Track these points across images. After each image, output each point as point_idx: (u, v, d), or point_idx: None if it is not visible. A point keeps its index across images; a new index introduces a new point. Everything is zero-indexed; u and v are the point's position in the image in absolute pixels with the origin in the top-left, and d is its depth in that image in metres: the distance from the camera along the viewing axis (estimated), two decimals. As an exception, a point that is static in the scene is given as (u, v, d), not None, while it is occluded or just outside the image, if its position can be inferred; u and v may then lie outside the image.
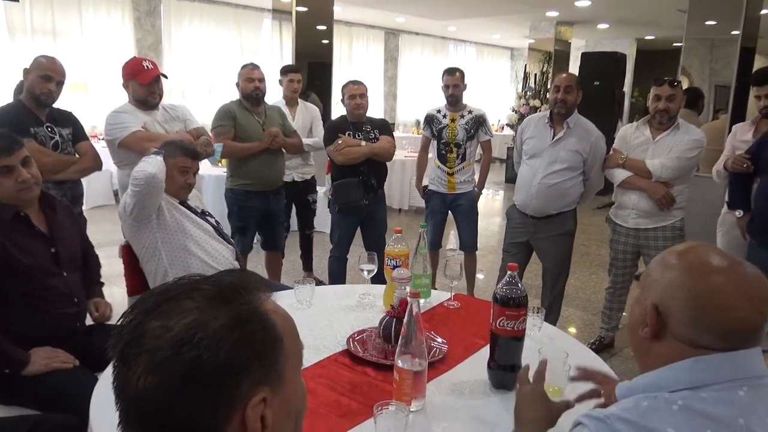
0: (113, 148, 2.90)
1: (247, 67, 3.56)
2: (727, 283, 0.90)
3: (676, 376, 0.90)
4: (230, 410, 0.64)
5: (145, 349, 0.63)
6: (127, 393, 0.64)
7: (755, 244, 2.83)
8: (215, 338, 0.64)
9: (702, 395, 0.87)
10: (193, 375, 0.62)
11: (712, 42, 5.25)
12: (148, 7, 8.28)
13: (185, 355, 0.62)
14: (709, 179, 3.51)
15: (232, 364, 0.64)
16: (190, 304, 0.66)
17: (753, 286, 0.90)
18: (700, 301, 0.91)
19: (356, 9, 9.28)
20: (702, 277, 0.92)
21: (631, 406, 0.90)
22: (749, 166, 2.82)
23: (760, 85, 3.07)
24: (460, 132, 3.79)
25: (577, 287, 4.67)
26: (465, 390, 1.53)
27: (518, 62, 13.64)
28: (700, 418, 0.85)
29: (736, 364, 0.89)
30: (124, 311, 0.69)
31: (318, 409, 1.40)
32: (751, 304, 0.89)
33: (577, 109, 3.16)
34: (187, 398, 0.62)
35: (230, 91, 3.81)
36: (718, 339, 0.90)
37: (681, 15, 5.39)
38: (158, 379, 0.62)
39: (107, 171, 6.73)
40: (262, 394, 0.66)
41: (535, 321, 1.85)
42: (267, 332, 0.68)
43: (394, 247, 2.05)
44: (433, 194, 3.94)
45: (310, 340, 1.78)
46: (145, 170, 2.18)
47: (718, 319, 0.90)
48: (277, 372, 0.68)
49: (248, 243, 3.68)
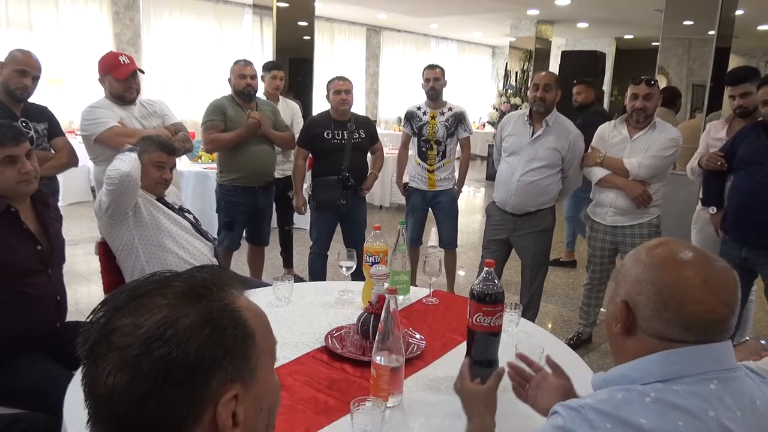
0: (89, 143, 2.86)
1: (239, 63, 3.54)
2: (692, 277, 0.92)
3: (648, 369, 0.92)
4: (201, 407, 0.64)
5: (114, 347, 0.63)
6: (96, 391, 0.64)
7: (728, 240, 2.89)
8: (185, 335, 0.63)
9: (674, 388, 0.89)
10: (163, 372, 0.62)
11: (689, 42, 5.32)
12: (126, 1, 8.16)
13: (155, 353, 0.62)
14: (685, 177, 3.57)
15: (203, 361, 0.63)
16: (161, 301, 0.66)
17: (718, 278, 0.92)
18: (665, 294, 0.92)
19: (338, 5, 9.25)
20: (666, 271, 0.94)
21: (606, 397, 0.91)
22: (723, 164, 2.87)
23: (734, 85, 3.12)
24: (440, 129, 3.80)
25: (555, 283, 4.72)
26: (442, 386, 1.54)
27: (499, 60, 13.72)
28: (672, 411, 0.87)
29: (707, 357, 0.91)
30: (94, 308, 0.69)
31: (295, 405, 1.41)
32: (716, 297, 0.91)
33: (556, 107, 3.19)
34: (157, 396, 0.62)
35: (210, 87, 3.79)
36: (685, 332, 0.92)
37: (658, 15, 5.46)
38: (128, 376, 0.62)
39: (84, 167, 6.64)
40: (234, 390, 0.66)
41: (512, 317, 1.87)
42: (238, 329, 0.68)
43: (373, 244, 2.05)
44: (414, 191, 3.95)
45: (288, 337, 1.78)
46: (119, 169, 2.15)
47: (684, 311, 0.91)
48: (249, 369, 0.68)
49: (236, 239, 3.67)
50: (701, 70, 5.17)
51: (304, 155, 3.60)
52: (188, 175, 5.27)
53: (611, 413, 0.88)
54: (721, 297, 0.91)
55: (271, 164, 3.71)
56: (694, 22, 5.13)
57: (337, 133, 3.51)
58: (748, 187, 2.72)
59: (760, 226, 2.69)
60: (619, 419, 0.87)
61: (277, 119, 3.73)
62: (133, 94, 2.93)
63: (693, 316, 0.91)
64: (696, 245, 2.91)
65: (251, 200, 3.59)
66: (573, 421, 0.89)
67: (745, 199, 2.74)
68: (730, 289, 0.92)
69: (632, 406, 0.88)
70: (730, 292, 0.92)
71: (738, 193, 2.80)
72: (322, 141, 3.50)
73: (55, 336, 1.95)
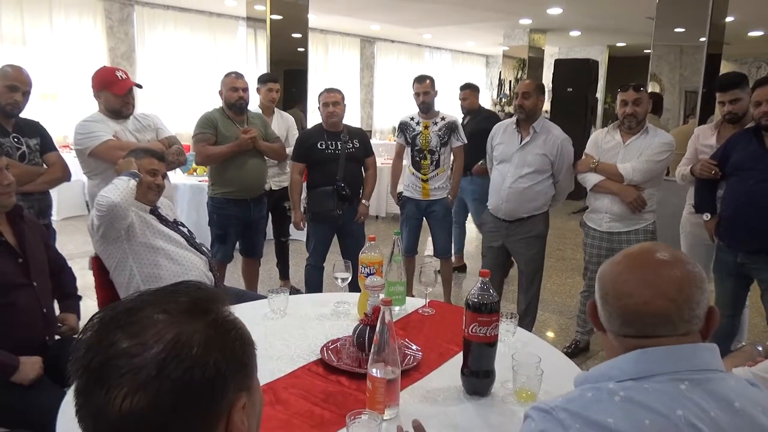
0: (83, 157, 2.85)
1: (230, 76, 3.55)
2: (626, 272, 0.98)
3: (623, 367, 0.94)
4: (220, 418, 0.66)
5: (125, 371, 0.61)
6: (107, 417, 0.62)
7: (723, 246, 2.89)
8: (202, 351, 0.64)
9: (645, 386, 0.91)
10: (185, 390, 0.62)
11: (681, 48, 5.36)
12: (120, 15, 8.18)
13: (174, 373, 0.62)
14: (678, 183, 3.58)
15: (221, 375, 0.65)
16: (165, 318, 0.65)
17: (657, 274, 0.95)
18: (606, 289, 1.00)
19: (331, 17, 9.29)
20: (608, 269, 1.01)
21: (577, 396, 0.94)
22: (717, 172, 2.87)
23: (724, 91, 3.13)
24: (434, 139, 3.82)
25: (552, 291, 4.72)
26: (438, 397, 1.53)
27: (493, 69, 13.78)
28: (638, 409, 0.88)
29: (680, 357, 0.93)
30: (83, 327, 0.67)
31: (291, 419, 1.39)
32: (653, 290, 0.94)
33: (549, 113, 3.21)
34: (181, 414, 0.62)
35: (205, 100, 3.80)
36: (626, 325, 0.96)
37: (650, 22, 5.50)
38: (147, 398, 0.61)
39: (79, 181, 6.62)
40: (243, 399, 0.68)
41: (508, 326, 1.87)
42: (244, 340, 0.71)
43: (368, 255, 2.05)
44: (408, 201, 3.96)
45: (284, 350, 1.77)
46: (109, 198, 2.15)
47: (620, 304, 0.97)
48: (250, 377, 0.72)
49: (229, 251, 3.66)
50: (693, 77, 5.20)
51: (300, 170, 3.60)
52: (183, 188, 5.27)
53: (580, 413, 0.89)
54: (659, 291, 0.94)
55: (263, 177, 3.71)
56: (685, 29, 5.16)
57: (331, 144, 3.51)
58: (741, 193, 2.73)
59: (754, 232, 2.69)
60: (587, 419, 0.88)
61: (267, 131, 3.73)
62: (130, 109, 2.95)
63: (629, 309, 0.96)
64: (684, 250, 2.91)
65: (243, 213, 3.58)
66: (544, 422, 0.92)
67: (739, 204, 2.75)
68: (676, 285, 0.94)
69: (601, 405, 0.90)
70: (675, 287, 0.94)
71: (731, 198, 2.81)
72: (315, 152, 3.51)
73: (45, 350, 1.93)
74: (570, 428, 0.88)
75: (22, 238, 1.95)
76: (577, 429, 0.88)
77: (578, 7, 7.97)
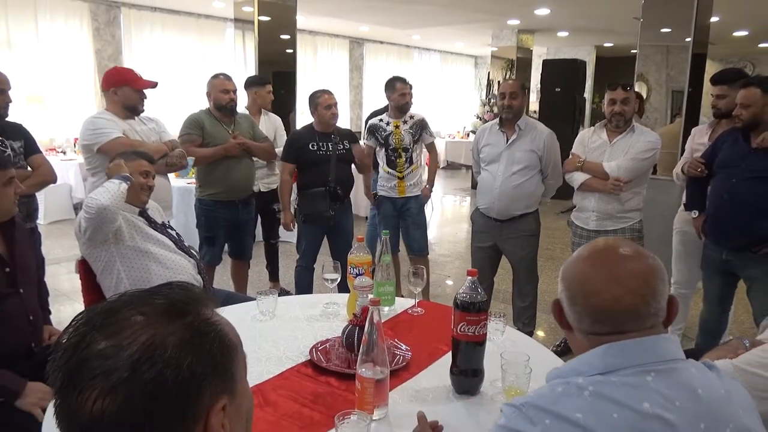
0: (90, 153, 2.89)
1: (219, 78, 3.54)
2: (593, 271, 0.98)
3: (591, 362, 0.96)
4: (194, 422, 0.65)
5: (98, 372, 0.61)
6: (79, 419, 0.61)
7: (709, 243, 2.92)
8: (175, 354, 0.63)
9: (612, 380, 0.92)
10: (157, 393, 0.61)
11: (667, 49, 5.40)
12: (107, 17, 8.12)
13: (146, 375, 0.61)
14: (665, 182, 3.61)
15: (195, 378, 0.64)
16: (141, 320, 0.65)
17: (623, 270, 0.96)
18: (573, 290, 1.00)
19: (320, 18, 9.29)
20: (573, 269, 1.01)
21: (547, 392, 0.95)
22: (703, 170, 2.90)
23: (713, 85, 3.19)
24: (406, 137, 3.89)
25: (542, 290, 4.71)
26: (428, 396, 1.53)
27: (482, 69, 13.83)
28: (606, 403, 0.89)
29: (646, 349, 0.94)
30: (64, 328, 0.67)
31: (280, 421, 1.39)
32: (621, 287, 0.95)
33: (538, 113, 3.24)
34: (153, 417, 0.61)
35: (192, 102, 3.79)
36: (596, 323, 0.97)
37: (636, 23, 5.53)
38: (119, 400, 0.60)
39: (66, 184, 6.61)
40: (223, 401, 0.67)
41: (497, 325, 1.87)
42: (223, 342, 0.69)
43: (356, 255, 2.04)
44: (384, 200, 3.99)
45: (273, 352, 1.76)
46: (98, 201, 2.14)
47: (589, 303, 0.97)
48: (232, 380, 0.70)
49: (217, 254, 3.64)
50: (679, 77, 5.24)
51: (290, 170, 3.59)
52: (173, 190, 5.23)
53: (549, 409, 0.91)
54: (627, 287, 0.95)
55: (251, 178, 3.70)
56: (671, 29, 5.20)
57: (322, 145, 3.51)
58: (725, 190, 2.76)
59: (737, 229, 2.71)
60: (556, 414, 0.90)
61: (255, 131, 3.72)
62: (143, 106, 3.06)
63: (598, 306, 0.97)
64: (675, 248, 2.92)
65: (231, 215, 3.57)
66: (515, 419, 0.93)
67: (723, 202, 2.77)
68: (642, 279, 0.96)
69: (570, 400, 0.91)
70: (641, 282, 0.96)
71: (716, 196, 2.84)
72: (307, 153, 3.50)
73: (32, 357, 1.91)
74: (538, 424, 0.90)
75: (12, 246, 1.93)
76: (546, 425, 0.89)
77: (566, 8, 8.02)
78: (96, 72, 7.89)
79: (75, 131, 7.52)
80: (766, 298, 2.64)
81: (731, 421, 0.92)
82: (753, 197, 2.64)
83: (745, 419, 0.94)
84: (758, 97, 2.64)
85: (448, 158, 12.42)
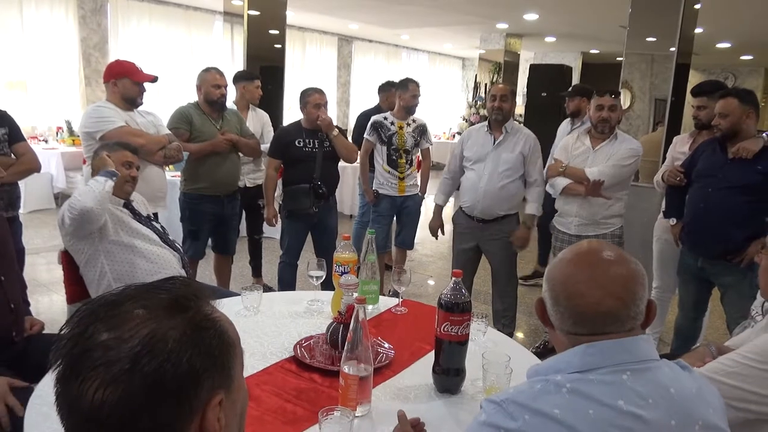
0: (91, 141, 2.90)
1: (211, 72, 3.53)
2: (577, 273, 1.01)
3: (570, 360, 0.99)
4: (192, 416, 0.66)
5: (100, 362, 0.62)
6: (79, 407, 0.63)
7: (686, 250, 2.98)
8: (175, 348, 0.64)
9: (590, 378, 0.95)
10: (156, 386, 0.63)
11: (652, 57, 5.48)
12: (93, 5, 8.00)
13: (146, 367, 0.62)
14: (646, 189, 3.67)
15: (194, 372, 0.65)
16: (144, 314, 0.66)
17: (607, 274, 1.00)
18: (557, 291, 1.02)
19: (309, 14, 9.26)
20: (557, 270, 1.04)
21: (526, 388, 0.98)
22: (682, 179, 2.97)
23: (694, 97, 3.26)
24: (409, 139, 4.01)
25: (522, 293, 4.77)
26: (410, 394, 1.55)
27: (469, 72, 13.89)
28: (583, 400, 0.93)
29: (623, 350, 0.98)
30: (68, 319, 0.68)
31: (263, 416, 1.40)
32: (603, 291, 0.98)
33: (523, 117, 3.30)
34: (151, 409, 0.63)
35: (179, 94, 3.77)
36: (576, 324, 1.00)
37: (622, 31, 5.60)
38: (119, 391, 0.62)
39: (47, 173, 6.51)
40: (219, 397, 0.68)
41: (479, 326, 1.90)
42: (222, 338, 0.71)
43: (342, 254, 2.06)
44: (383, 198, 4.07)
45: (257, 347, 1.77)
46: (83, 203, 2.12)
47: (572, 305, 1.00)
48: (230, 376, 0.71)
49: (201, 248, 3.63)
50: (663, 85, 5.32)
51: (276, 166, 3.60)
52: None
53: (529, 405, 0.94)
54: (608, 290, 0.98)
55: (237, 173, 3.69)
56: (657, 39, 5.28)
57: (309, 142, 3.51)
58: (702, 200, 2.83)
59: (712, 237, 2.78)
60: (535, 410, 0.93)
61: (243, 128, 3.72)
62: (142, 99, 3.11)
63: (581, 309, 0.99)
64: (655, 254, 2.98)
65: (216, 209, 3.56)
66: (495, 414, 0.96)
67: (699, 210, 2.84)
68: (623, 283, 0.99)
69: (548, 396, 0.94)
70: (622, 286, 0.99)
71: (693, 205, 2.91)
72: (293, 149, 3.50)
73: (13, 347, 1.90)
74: (518, 420, 0.93)
75: None
76: (526, 420, 0.92)
77: (554, 14, 8.09)
78: (81, 60, 7.78)
79: (58, 120, 7.44)
80: (740, 304, 2.70)
81: (701, 419, 0.96)
82: (727, 207, 2.71)
83: (714, 417, 0.98)
84: (735, 106, 2.71)
85: (433, 159, 12.40)
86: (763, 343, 1.34)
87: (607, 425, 0.90)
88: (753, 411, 1.31)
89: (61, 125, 7.32)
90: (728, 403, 1.31)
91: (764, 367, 1.30)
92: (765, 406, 1.30)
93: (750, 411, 1.32)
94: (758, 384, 1.30)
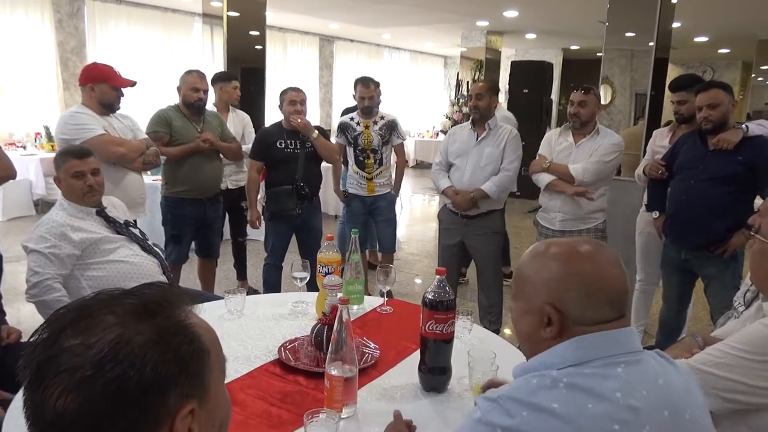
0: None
1: (193, 75, 3.49)
2: (600, 260, 1.02)
3: (563, 354, 0.98)
4: (158, 425, 0.63)
5: (63, 369, 0.61)
6: (43, 415, 0.61)
7: (669, 243, 3.01)
8: (140, 354, 0.62)
9: (585, 371, 0.95)
10: (119, 393, 0.60)
11: (632, 52, 5.52)
12: (70, 9, 7.89)
13: (109, 374, 0.60)
14: (629, 182, 3.70)
15: (159, 380, 0.63)
16: (112, 320, 0.64)
17: (610, 257, 1.03)
18: (590, 282, 1.00)
19: (289, 15, 9.21)
20: (582, 262, 1.01)
21: (521, 384, 0.97)
22: (664, 172, 2.99)
23: (673, 92, 3.28)
24: (375, 138, 3.92)
25: (508, 290, 4.80)
26: (396, 394, 1.54)
27: (451, 70, 13.91)
28: (581, 394, 0.92)
29: (614, 342, 0.98)
30: (39, 325, 0.66)
31: (248, 420, 1.38)
32: (618, 269, 1.01)
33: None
34: (113, 417, 0.61)
35: (159, 98, 3.73)
36: (614, 309, 1.00)
37: (602, 26, 5.64)
38: (80, 399, 0.60)
39: (26, 180, 6.41)
40: (190, 406, 0.66)
41: (465, 324, 1.90)
42: (193, 345, 0.68)
43: (326, 254, 2.04)
44: (353, 197, 4.02)
45: (240, 351, 1.75)
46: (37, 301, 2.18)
47: (606, 291, 1.00)
48: (203, 385, 0.68)
49: (183, 252, 3.59)
50: (643, 80, 5.36)
51: (258, 168, 3.57)
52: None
53: (526, 400, 0.92)
54: (621, 269, 1.02)
55: (219, 176, 3.66)
56: (635, 33, 5.32)
57: (290, 143, 3.49)
58: (683, 191, 2.86)
59: (695, 229, 2.81)
60: (533, 406, 0.91)
61: (224, 130, 3.69)
62: (120, 104, 3.05)
63: (615, 293, 1.00)
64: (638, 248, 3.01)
65: (198, 212, 3.52)
66: (491, 412, 0.94)
67: (681, 203, 2.87)
68: (621, 264, 1.03)
69: (545, 391, 0.93)
70: (622, 266, 1.03)
71: (674, 197, 2.93)
72: (275, 151, 3.48)
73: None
74: (515, 416, 0.91)
75: None
76: (524, 417, 0.90)
77: (533, 11, 8.13)
78: (58, 65, 7.67)
79: (36, 125, 7.32)
80: (723, 295, 2.73)
81: (688, 409, 0.97)
82: (709, 198, 2.73)
83: (696, 411, 0.99)
84: (723, 96, 2.73)
85: (417, 157, 12.47)
86: (750, 333, 1.35)
87: (607, 419, 0.90)
88: (741, 401, 1.32)
89: (40, 131, 7.21)
90: (717, 393, 1.31)
91: (752, 357, 1.30)
92: (753, 396, 1.31)
93: (738, 401, 1.32)
94: (746, 374, 1.31)
